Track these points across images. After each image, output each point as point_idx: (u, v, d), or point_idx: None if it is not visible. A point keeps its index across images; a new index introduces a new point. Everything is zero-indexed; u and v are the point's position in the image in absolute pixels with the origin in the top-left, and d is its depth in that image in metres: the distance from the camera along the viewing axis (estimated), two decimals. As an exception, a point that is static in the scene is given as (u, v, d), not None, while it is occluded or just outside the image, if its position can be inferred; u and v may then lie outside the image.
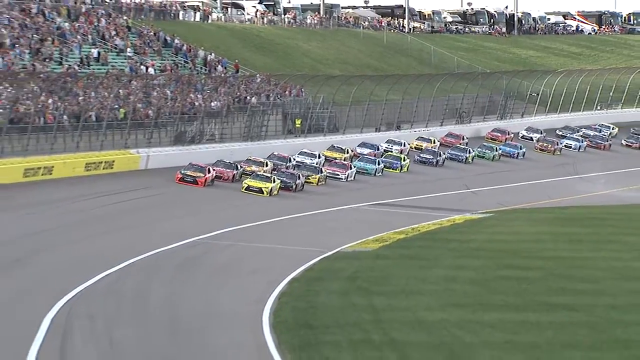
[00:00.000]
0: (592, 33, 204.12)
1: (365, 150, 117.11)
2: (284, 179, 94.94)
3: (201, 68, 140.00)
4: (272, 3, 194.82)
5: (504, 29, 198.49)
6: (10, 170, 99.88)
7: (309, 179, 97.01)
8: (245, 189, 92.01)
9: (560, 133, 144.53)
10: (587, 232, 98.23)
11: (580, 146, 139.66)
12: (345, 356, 56.04)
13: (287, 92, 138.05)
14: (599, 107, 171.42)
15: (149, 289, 67.61)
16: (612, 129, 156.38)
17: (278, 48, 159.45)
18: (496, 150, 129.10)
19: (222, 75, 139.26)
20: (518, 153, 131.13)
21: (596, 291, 75.06)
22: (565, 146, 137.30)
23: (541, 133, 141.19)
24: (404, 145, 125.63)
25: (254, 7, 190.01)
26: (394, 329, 62.33)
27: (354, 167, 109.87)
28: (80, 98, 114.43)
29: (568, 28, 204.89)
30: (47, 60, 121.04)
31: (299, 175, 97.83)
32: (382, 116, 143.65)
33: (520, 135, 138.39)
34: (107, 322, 59.18)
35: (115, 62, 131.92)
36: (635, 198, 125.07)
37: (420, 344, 59.64)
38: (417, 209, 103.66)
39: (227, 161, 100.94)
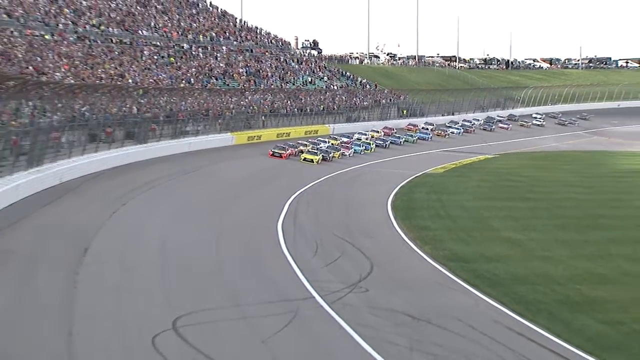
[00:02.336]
0: (547, 68, 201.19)
1: (345, 139, 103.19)
2: (323, 154, 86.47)
3: (359, 86, 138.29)
4: (393, 55, 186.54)
5: (504, 67, 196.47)
6: (270, 134, 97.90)
7: (334, 154, 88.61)
8: (303, 160, 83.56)
9: (448, 124, 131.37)
10: (544, 164, 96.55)
11: (459, 132, 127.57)
12: (427, 222, 56.42)
13: (400, 97, 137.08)
14: (549, 104, 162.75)
15: (332, 190, 67.45)
16: (479, 120, 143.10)
17: (395, 76, 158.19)
18: (414, 136, 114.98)
19: (369, 89, 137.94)
20: (429, 137, 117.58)
21: (549, 192, 74.46)
22: (450, 132, 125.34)
23: (433, 125, 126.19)
24: (367, 135, 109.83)
25: (385, 57, 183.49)
26: (450, 209, 62.55)
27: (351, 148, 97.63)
28: (302, 100, 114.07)
29: (535, 66, 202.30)
30: (287, 82, 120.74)
31: (331, 151, 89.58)
32: (445, 108, 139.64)
33: (422, 126, 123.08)
34: (313, 206, 59.47)
35: (319, 84, 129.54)
36: (564, 148, 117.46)
37: (463, 217, 59.97)
38: (459, 153, 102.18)
39: (291, 143, 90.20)
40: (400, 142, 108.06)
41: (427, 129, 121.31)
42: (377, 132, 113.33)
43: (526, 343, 32.01)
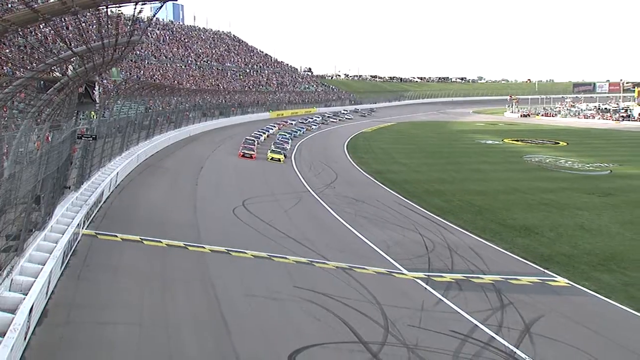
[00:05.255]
0: (419, 81, 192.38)
1: (268, 131, 65.00)
2: (284, 152, 48.82)
3: (331, 89, 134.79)
4: (347, 74, 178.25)
5: (399, 80, 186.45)
6: (287, 112, 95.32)
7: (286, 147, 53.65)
8: (270, 159, 46.40)
9: (307, 122, 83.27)
10: (417, 126, 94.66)
11: (317, 126, 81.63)
12: (362, 155, 55.50)
13: (350, 95, 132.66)
14: (420, 98, 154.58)
15: (314, 142, 66.77)
16: (322, 116, 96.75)
17: (348, 85, 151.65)
18: (301, 129, 72.63)
19: (335, 91, 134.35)
20: (304, 130, 72.87)
21: (419, 139, 73.45)
22: (312, 126, 78.80)
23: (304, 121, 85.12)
24: (272, 129, 69.22)
25: (343, 75, 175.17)
26: (374, 149, 61.41)
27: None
28: (303, 96, 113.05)
29: (414, 80, 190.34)
30: (296, 88, 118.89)
31: (285, 146, 53.59)
32: (370, 101, 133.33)
33: (290, 122, 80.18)
34: (307, 147, 59.04)
35: (311, 89, 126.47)
36: (427, 119, 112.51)
37: (380, 152, 58.82)
38: (377, 122, 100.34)
39: (252, 138, 54.13)
40: (297, 134, 69.25)
41: (301, 125, 78.14)
42: (274, 127, 71.26)
43: (409, 211, 32.13)
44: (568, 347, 15.88)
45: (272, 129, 69.17)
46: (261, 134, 61.41)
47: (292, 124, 79.00)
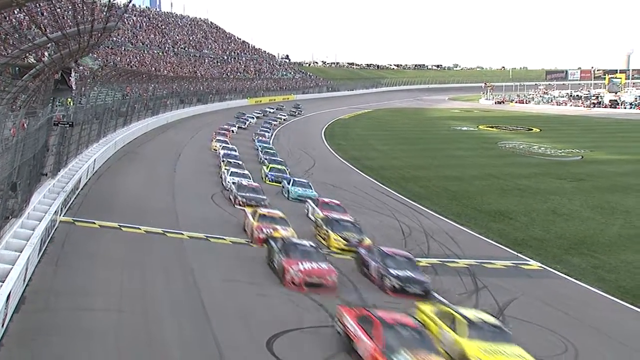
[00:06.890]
0: (395, 68, 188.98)
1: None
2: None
3: (308, 77, 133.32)
4: (324, 62, 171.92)
5: (376, 68, 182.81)
6: (265, 99, 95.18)
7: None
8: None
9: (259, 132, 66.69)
10: (393, 113, 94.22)
11: (270, 132, 54.51)
12: (340, 141, 55.44)
13: (328, 82, 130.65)
14: (396, 85, 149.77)
15: (293, 126, 66.53)
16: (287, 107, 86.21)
17: (325, 72, 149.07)
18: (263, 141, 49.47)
19: (312, 78, 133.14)
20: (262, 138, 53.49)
21: (396, 126, 73.49)
22: (264, 133, 55.74)
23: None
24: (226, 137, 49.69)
25: (321, 62, 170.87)
26: (351, 135, 61.22)
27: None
28: (281, 83, 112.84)
29: (390, 67, 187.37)
30: (274, 75, 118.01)
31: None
32: (348, 87, 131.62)
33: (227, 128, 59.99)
34: (285, 134, 58.73)
35: (289, 76, 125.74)
36: (403, 106, 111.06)
37: (356, 139, 58.77)
38: (354, 109, 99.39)
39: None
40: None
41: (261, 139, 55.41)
42: (224, 136, 48.47)
43: (386, 197, 32.37)
44: (540, 329, 16.15)
45: (228, 144, 43.61)
46: (234, 158, 36.45)
47: (233, 130, 54.30)
